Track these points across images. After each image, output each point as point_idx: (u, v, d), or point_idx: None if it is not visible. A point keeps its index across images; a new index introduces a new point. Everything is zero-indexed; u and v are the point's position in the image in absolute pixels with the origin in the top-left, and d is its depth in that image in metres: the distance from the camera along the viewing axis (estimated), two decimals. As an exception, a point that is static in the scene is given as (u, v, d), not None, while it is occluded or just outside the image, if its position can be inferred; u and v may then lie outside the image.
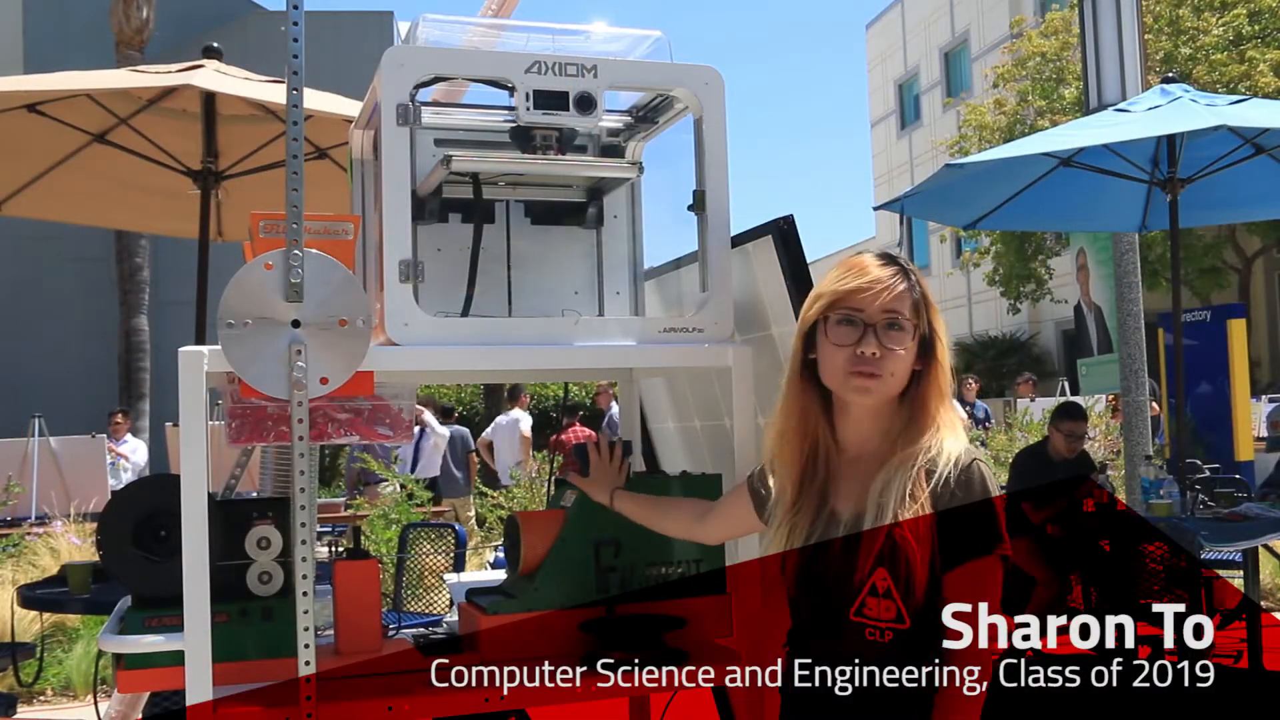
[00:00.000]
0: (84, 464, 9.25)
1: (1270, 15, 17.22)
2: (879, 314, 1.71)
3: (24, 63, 18.05)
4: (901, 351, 1.71)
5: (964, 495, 1.66)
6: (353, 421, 2.22)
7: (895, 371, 1.72)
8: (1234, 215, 8.25)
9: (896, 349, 1.71)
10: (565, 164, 2.24)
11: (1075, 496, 6.18)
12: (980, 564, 1.65)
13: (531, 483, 9.18)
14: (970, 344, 26.19)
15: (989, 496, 1.67)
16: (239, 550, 2.02)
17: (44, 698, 6.11)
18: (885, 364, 1.71)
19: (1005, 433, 11.31)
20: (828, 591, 1.73)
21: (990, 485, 1.68)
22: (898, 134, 31.59)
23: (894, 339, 1.71)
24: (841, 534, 1.70)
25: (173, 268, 15.92)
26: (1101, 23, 7.21)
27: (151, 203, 5.32)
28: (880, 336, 1.71)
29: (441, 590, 5.62)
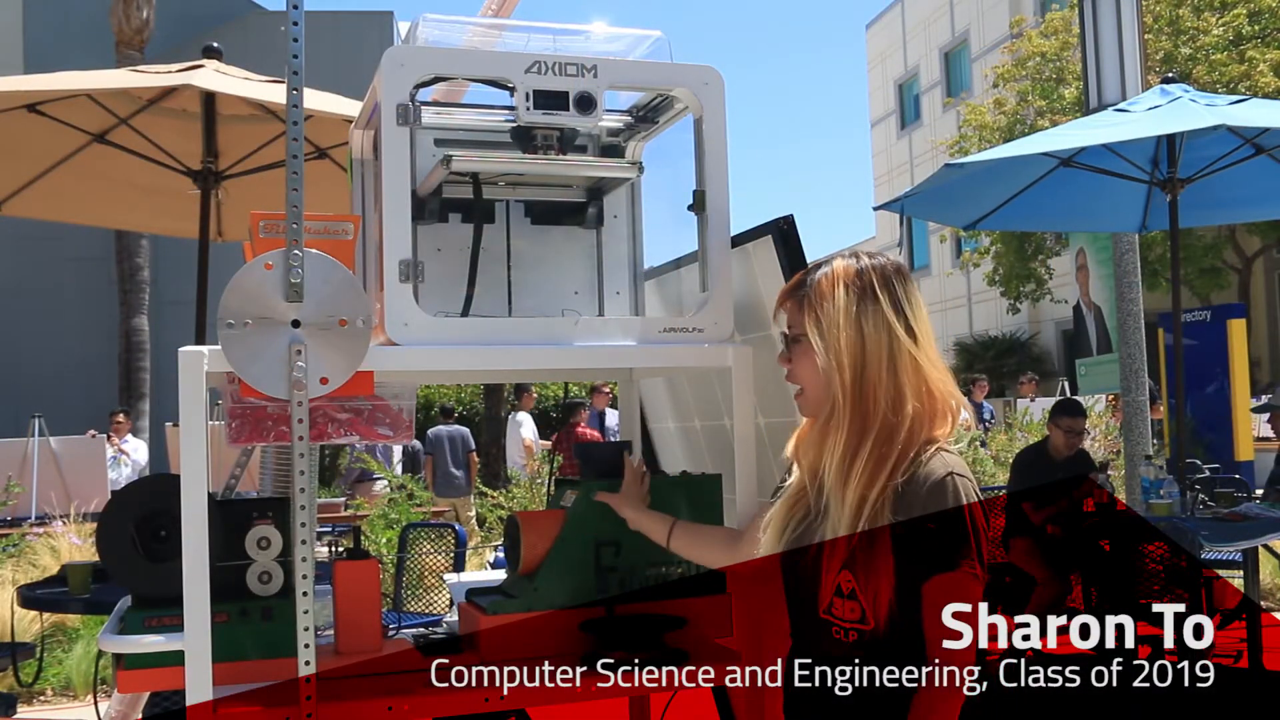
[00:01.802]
0: (84, 464, 9.24)
1: (1270, 15, 17.22)
2: (784, 328, 1.80)
3: (24, 63, 18.05)
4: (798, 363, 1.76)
5: (936, 506, 1.64)
6: (353, 421, 2.22)
7: (801, 381, 1.77)
8: (1234, 215, 8.25)
9: (795, 361, 1.77)
10: (565, 164, 2.24)
11: (1075, 496, 6.19)
12: (945, 578, 1.64)
13: (531, 483, 9.18)
14: (970, 344, 26.19)
15: (959, 510, 1.64)
16: (239, 550, 2.02)
17: (44, 698, 6.11)
18: (794, 375, 1.78)
19: (1005, 433, 11.31)
20: (804, 589, 1.75)
21: (965, 497, 1.65)
22: (898, 134, 31.58)
23: (794, 350, 1.77)
24: (820, 533, 1.72)
25: (173, 268, 15.93)
26: (1101, 23, 7.21)
27: (151, 203, 5.32)
28: (787, 350, 1.79)
29: (441, 590, 5.62)
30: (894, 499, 1.66)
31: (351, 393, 1.91)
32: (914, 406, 1.68)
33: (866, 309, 1.70)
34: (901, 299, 1.72)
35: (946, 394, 1.72)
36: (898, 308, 1.71)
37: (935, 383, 1.71)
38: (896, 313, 1.71)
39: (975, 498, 1.67)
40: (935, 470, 1.66)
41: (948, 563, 1.64)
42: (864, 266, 1.74)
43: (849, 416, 1.69)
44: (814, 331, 1.72)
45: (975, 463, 9.38)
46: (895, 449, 1.67)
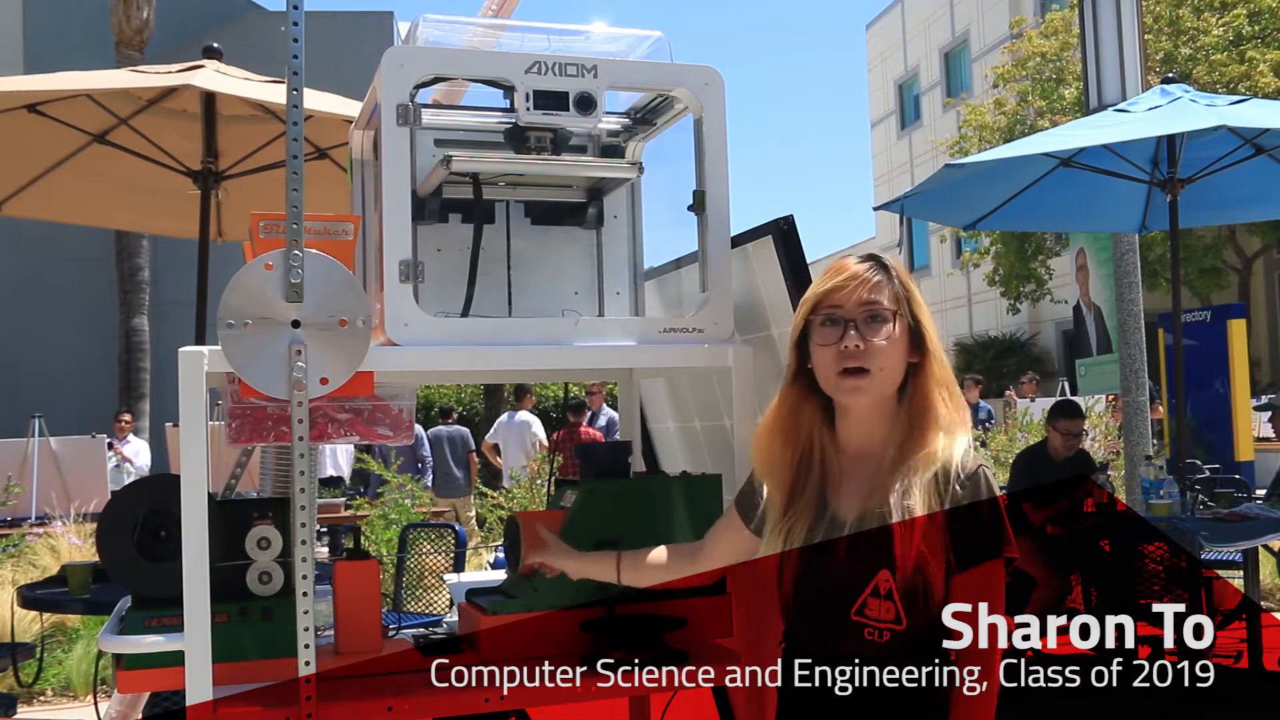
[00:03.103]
0: (84, 464, 9.24)
1: (1270, 15, 17.22)
2: (857, 307, 1.71)
3: (24, 63, 18.06)
4: (884, 342, 1.70)
5: (973, 498, 1.67)
6: (353, 421, 2.22)
7: (884, 365, 1.70)
8: (1234, 215, 8.25)
9: (878, 340, 1.70)
10: (565, 164, 2.24)
11: (1075, 496, 6.19)
12: (989, 566, 1.67)
13: (531, 483, 9.18)
14: (970, 344, 26.18)
15: (995, 498, 1.68)
16: (239, 550, 2.01)
17: (44, 698, 6.11)
18: (871, 357, 1.69)
19: (1005, 433, 11.31)
20: (829, 592, 1.73)
21: (995, 488, 1.70)
22: (898, 134, 31.58)
23: (875, 330, 1.70)
24: (846, 534, 1.70)
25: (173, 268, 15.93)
26: (1101, 23, 7.20)
27: (151, 203, 5.32)
28: (862, 329, 1.70)
29: (441, 590, 5.62)
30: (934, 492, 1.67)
31: (351, 393, 1.90)
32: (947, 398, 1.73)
33: None
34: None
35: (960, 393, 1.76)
36: None
37: (953, 382, 1.76)
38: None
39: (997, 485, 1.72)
40: (968, 463, 1.69)
41: (995, 549, 1.67)
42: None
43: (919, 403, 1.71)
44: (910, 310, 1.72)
45: (975, 463, 9.36)
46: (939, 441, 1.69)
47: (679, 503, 2.23)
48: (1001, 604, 1.68)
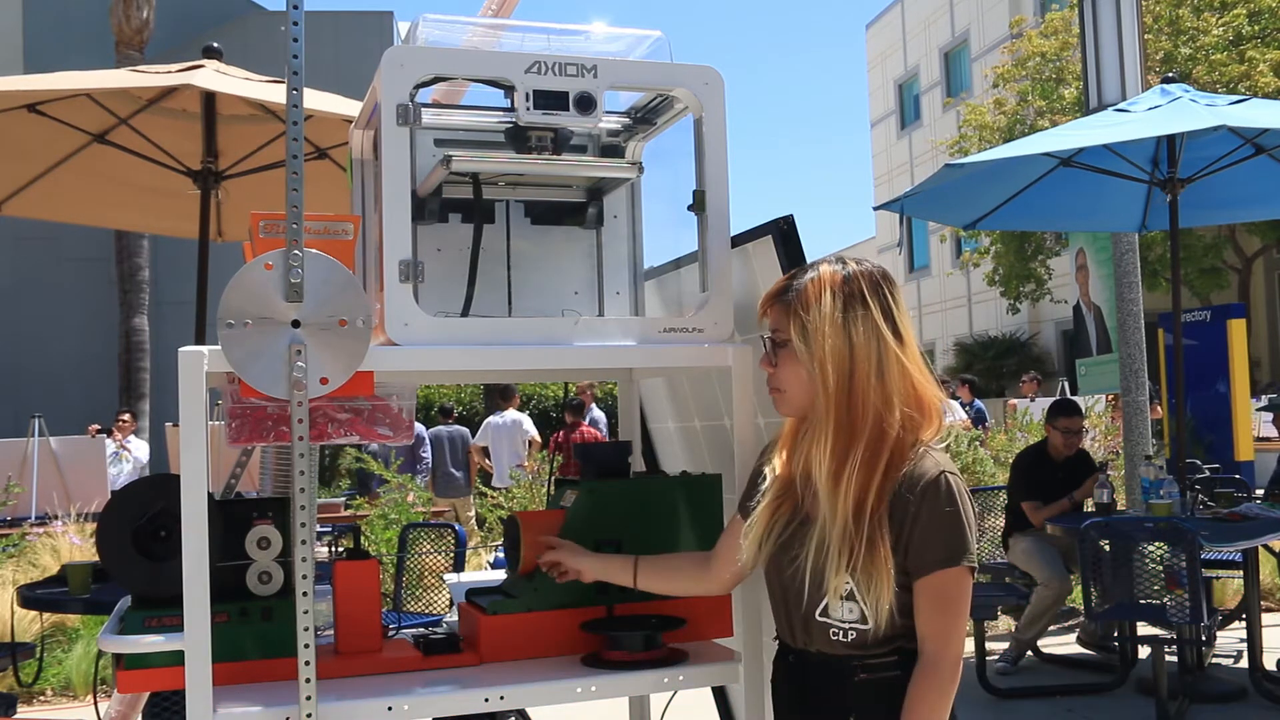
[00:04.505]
0: (84, 464, 9.25)
1: (1270, 15, 17.22)
2: (769, 331, 1.81)
3: (24, 63, 18.08)
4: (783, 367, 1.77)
5: (931, 506, 1.67)
6: (353, 421, 2.22)
7: (785, 385, 1.78)
8: (1234, 215, 8.24)
9: (781, 363, 1.78)
10: (565, 164, 2.24)
11: (1075, 496, 6.19)
12: (948, 573, 1.67)
13: (531, 483, 9.18)
14: (970, 344, 26.19)
15: (956, 508, 1.67)
16: (239, 550, 2.01)
17: (44, 698, 6.11)
18: (778, 378, 1.79)
19: (1005, 433, 11.31)
20: (797, 591, 1.76)
21: (958, 497, 1.68)
22: (898, 134, 31.59)
23: (776, 353, 1.79)
24: (813, 537, 1.72)
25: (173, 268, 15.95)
26: (1101, 23, 7.21)
27: (151, 203, 5.32)
28: (770, 351, 1.80)
29: (441, 590, 5.63)
30: (890, 500, 1.68)
31: (351, 393, 1.90)
32: (902, 410, 1.71)
33: (855, 316, 1.71)
34: (890, 305, 1.75)
35: (932, 396, 1.74)
36: (887, 313, 1.73)
37: (921, 385, 1.73)
38: (885, 319, 1.73)
39: (966, 494, 1.71)
40: (927, 469, 1.69)
41: (949, 559, 1.67)
42: (851, 273, 1.75)
43: (836, 422, 1.70)
44: (799, 337, 1.73)
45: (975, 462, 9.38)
46: (886, 451, 1.69)
47: (679, 503, 2.23)
48: (960, 610, 1.68)
